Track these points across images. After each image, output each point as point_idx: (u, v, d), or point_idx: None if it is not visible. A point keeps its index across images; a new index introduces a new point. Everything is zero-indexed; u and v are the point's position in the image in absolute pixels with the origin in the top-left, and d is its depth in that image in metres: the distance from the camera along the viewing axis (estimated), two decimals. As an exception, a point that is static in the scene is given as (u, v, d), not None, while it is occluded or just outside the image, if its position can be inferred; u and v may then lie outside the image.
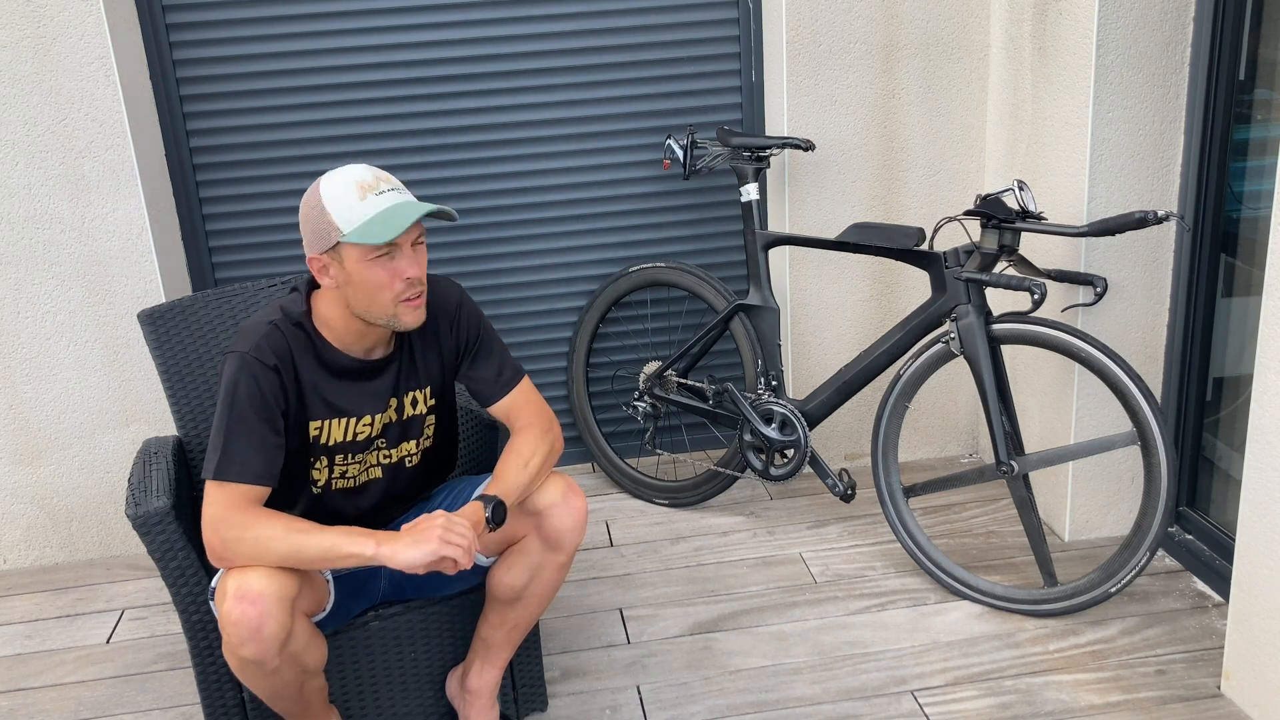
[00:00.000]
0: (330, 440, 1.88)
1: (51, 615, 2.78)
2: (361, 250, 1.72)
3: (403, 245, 1.74)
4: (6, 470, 2.94)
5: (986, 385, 2.44)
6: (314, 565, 1.71)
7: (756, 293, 2.83)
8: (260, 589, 1.67)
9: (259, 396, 1.76)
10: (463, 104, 3.06)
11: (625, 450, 3.45)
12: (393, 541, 1.70)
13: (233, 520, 1.71)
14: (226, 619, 1.68)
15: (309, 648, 1.80)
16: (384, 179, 1.76)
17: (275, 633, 1.69)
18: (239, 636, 1.68)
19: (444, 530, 1.70)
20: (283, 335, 1.80)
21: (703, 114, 3.15)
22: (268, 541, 1.69)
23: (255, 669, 1.74)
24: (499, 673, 2.10)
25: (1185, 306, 2.61)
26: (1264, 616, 2.09)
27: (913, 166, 3.05)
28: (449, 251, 3.18)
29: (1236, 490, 2.58)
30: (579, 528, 1.93)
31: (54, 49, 2.65)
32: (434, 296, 1.94)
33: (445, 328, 1.95)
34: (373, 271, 1.73)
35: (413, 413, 1.96)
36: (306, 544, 1.69)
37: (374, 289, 1.74)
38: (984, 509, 3.02)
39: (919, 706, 2.23)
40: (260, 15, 2.91)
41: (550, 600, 2.04)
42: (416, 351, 1.94)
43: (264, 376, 1.76)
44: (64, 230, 2.78)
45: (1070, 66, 2.56)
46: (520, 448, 1.92)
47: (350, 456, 1.91)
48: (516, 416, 1.98)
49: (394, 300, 1.75)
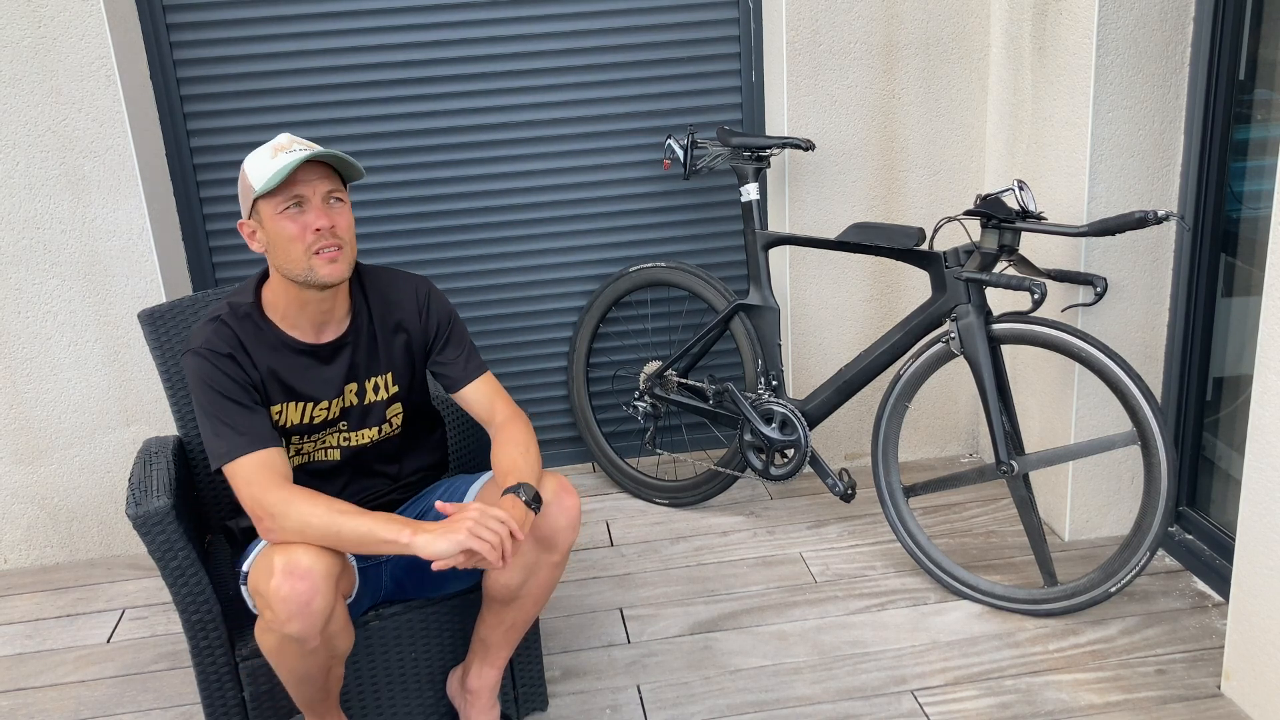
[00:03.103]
0: (288, 423, 1.92)
1: (52, 615, 2.78)
2: (272, 204, 1.79)
3: (310, 198, 1.79)
4: (7, 470, 2.94)
5: (986, 385, 2.44)
6: (349, 547, 1.74)
7: (756, 293, 2.83)
8: (309, 565, 1.70)
9: (225, 379, 1.82)
10: (463, 104, 3.06)
11: (625, 450, 3.45)
12: (426, 532, 1.72)
13: (271, 497, 1.75)
14: (275, 595, 1.69)
15: (343, 631, 1.82)
16: (299, 142, 1.83)
17: (322, 608, 1.71)
18: (287, 612, 1.69)
19: (474, 524, 1.72)
20: (229, 328, 1.86)
21: (703, 114, 3.15)
22: (309, 518, 1.73)
23: (296, 648, 1.75)
24: (498, 672, 2.10)
25: (1185, 306, 2.61)
26: (1264, 616, 2.09)
27: (913, 166, 3.05)
28: (450, 251, 3.18)
29: (1236, 490, 2.58)
30: (573, 526, 1.94)
31: (54, 49, 2.66)
32: (403, 286, 2.00)
33: (413, 314, 2.00)
34: (283, 224, 1.79)
35: (374, 399, 1.99)
36: (345, 525, 1.72)
37: (287, 241, 1.79)
38: (984, 509, 3.02)
39: (919, 706, 2.23)
40: (260, 15, 2.91)
41: (546, 599, 2.04)
42: (378, 337, 1.97)
43: (222, 364, 1.82)
44: (64, 230, 2.78)
45: (1070, 66, 2.56)
46: (514, 436, 1.96)
47: (306, 438, 1.96)
48: (494, 408, 2.02)
49: (306, 252, 1.79)
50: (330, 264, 1.81)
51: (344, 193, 1.85)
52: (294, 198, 1.79)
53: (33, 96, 2.68)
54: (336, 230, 1.81)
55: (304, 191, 1.79)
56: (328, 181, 1.82)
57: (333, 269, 1.81)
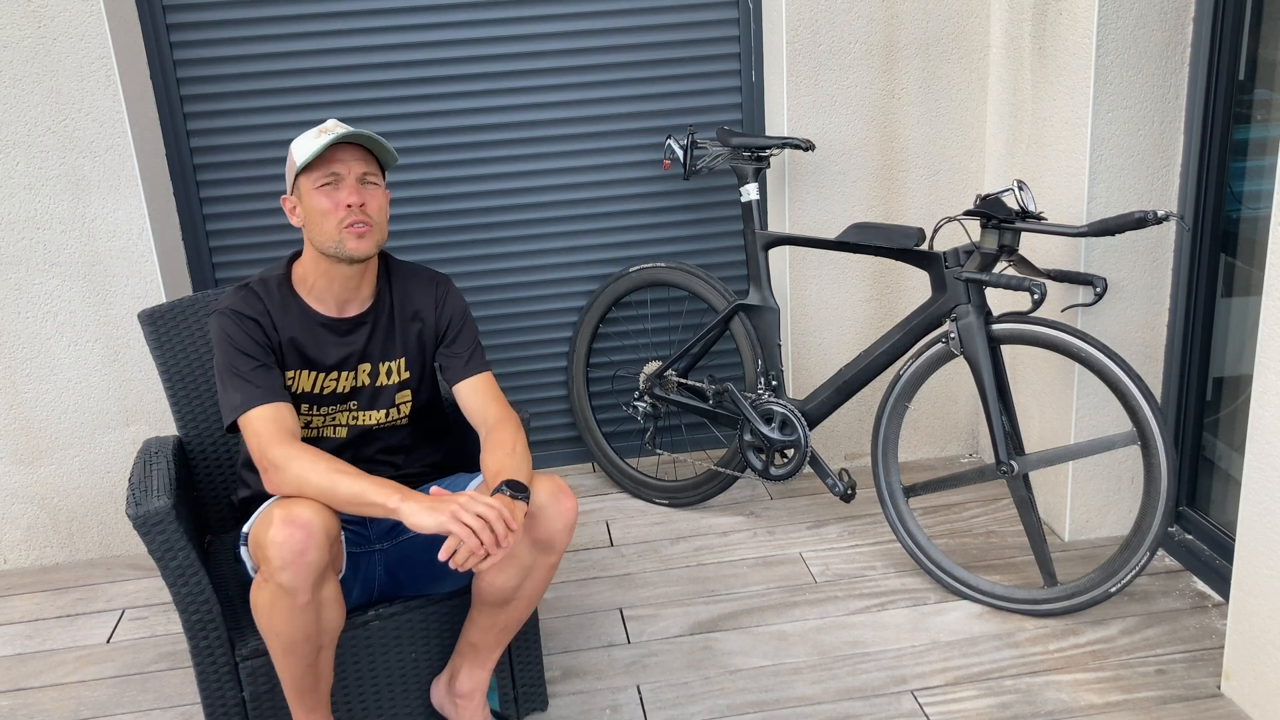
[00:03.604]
0: (299, 389, 2.01)
1: (52, 615, 2.78)
2: (310, 180, 1.92)
3: (345, 176, 1.92)
4: (7, 470, 2.94)
5: (986, 385, 2.44)
6: (343, 505, 1.79)
7: (756, 293, 2.83)
8: (309, 517, 1.75)
9: (246, 339, 1.93)
10: (463, 104, 3.06)
11: (625, 450, 3.45)
12: (414, 501, 1.77)
13: (278, 450, 1.84)
14: (271, 541, 1.73)
15: (333, 602, 1.84)
16: (343, 127, 1.94)
17: (316, 560, 1.75)
18: (282, 558, 1.72)
19: (459, 508, 1.75)
20: (257, 295, 1.98)
21: (703, 114, 3.15)
22: (309, 473, 1.80)
23: (287, 601, 1.76)
24: (488, 673, 2.11)
25: (1185, 306, 2.61)
26: (1264, 616, 2.09)
27: (913, 166, 3.05)
28: (450, 251, 3.18)
29: (1236, 490, 2.58)
30: (569, 528, 1.95)
31: (54, 49, 2.66)
32: (424, 279, 2.11)
33: (430, 305, 2.10)
34: (319, 200, 1.92)
35: (386, 382, 2.07)
36: (340, 483, 1.79)
37: (321, 215, 1.92)
38: (984, 509, 3.02)
39: (919, 706, 2.23)
40: (260, 15, 2.91)
41: (538, 600, 2.05)
42: (396, 321, 2.07)
43: (246, 325, 1.94)
44: (64, 230, 2.78)
45: (1070, 66, 2.56)
46: (501, 440, 1.99)
47: (315, 409, 2.03)
48: (488, 408, 2.07)
49: (338, 226, 1.91)
50: (359, 239, 1.92)
51: (379, 176, 1.98)
52: (330, 175, 1.91)
53: (33, 96, 2.68)
54: (367, 209, 1.93)
55: (340, 170, 1.92)
56: (363, 164, 1.95)
57: (360, 244, 1.92)
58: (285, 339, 1.98)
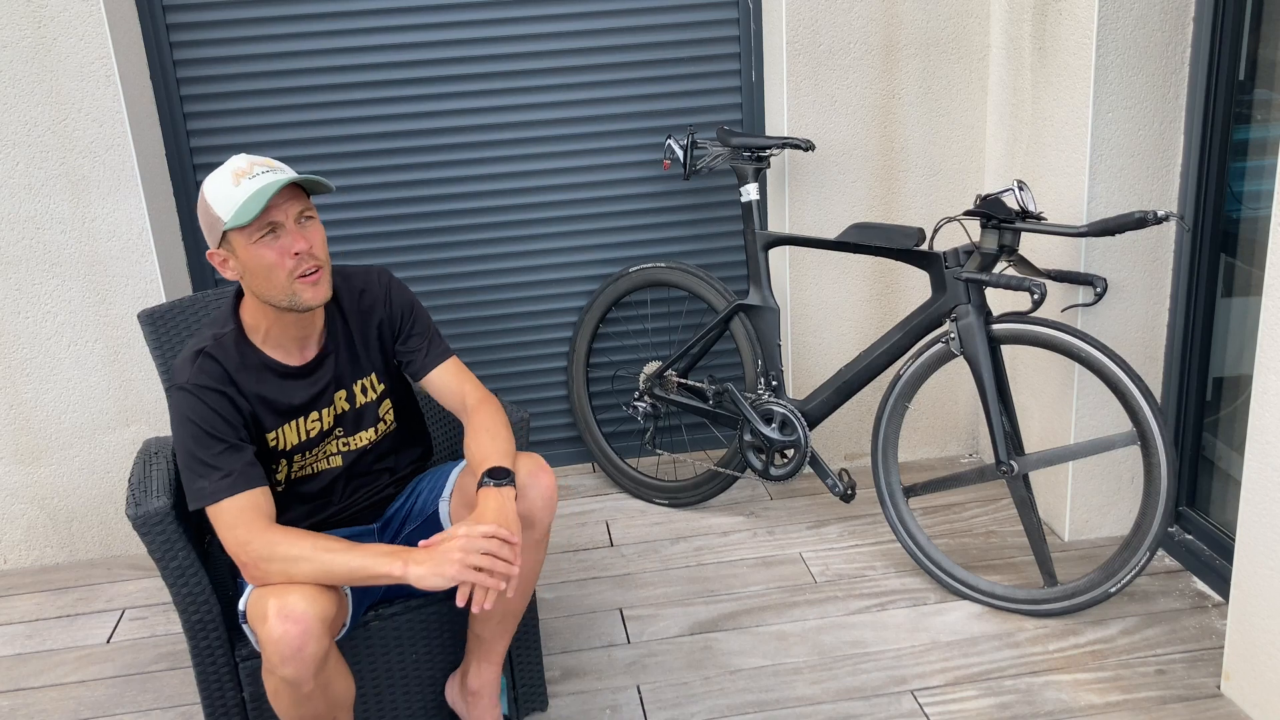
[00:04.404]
0: (287, 445, 1.91)
1: (52, 615, 2.78)
2: (245, 234, 1.74)
3: (284, 222, 1.75)
4: (7, 470, 2.94)
5: (986, 385, 2.44)
6: (341, 583, 1.73)
7: (756, 293, 2.83)
8: (303, 609, 1.68)
9: (213, 416, 1.78)
10: (463, 104, 3.06)
11: (625, 450, 3.45)
12: (419, 563, 1.70)
13: (256, 540, 1.73)
14: (268, 638, 1.68)
15: (339, 676, 1.81)
16: (260, 163, 1.77)
17: (316, 653, 1.69)
18: (280, 655, 1.68)
19: (463, 554, 1.69)
20: (215, 360, 1.82)
21: (703, 114, 3.15)
22: (296, 562, 1.71)
23: (291, 692, 1.74)
24: (497, 669, 2.10)
25: (1185, 306, 2.61)
26: (1264, 616, 2.09)
27: (913, 166, 3.05)
28: (449, 252, 3.18)
29: (1236, 490, 2.58)
30: (550, 503, 1.94)
31: (54, 49, 2.66)
32: (366, 281, 1.99)
33: (380, 309, 1.99)
34: (261, 253, 1.74)
35: (364, 400, 1.99)
36: (334, 563, 1.71)
37: (267, 270, 1.75)
38: (984, 509, 3.02)
39: (919, 706, 2.23)
40: (260, 15, 2.91)
41: (534, 582, 2.04)
42: (355, 341, 1.97)
43: (211, 399, 1.79)
44: (64, 230, 2.78)
45: (1070, 66, 2.56)
46: (483, 423, 1.94)
47: (308, 453, 1.95)
48: (463, 392, 2.01)
49: (288, 277, 1.76)
50: (313, 286, 1.78)
51: (313, 209, 1.81)
52: (268, 225, 1.74)
53: (33, 96, 2.68)
54: (314, 250, 1.78)
55: (277, 217, 1.74)
56: (297, 202, 1.77)
57: (316, 291, 1.79)
58: (253, 398, 1.85)
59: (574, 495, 3.23)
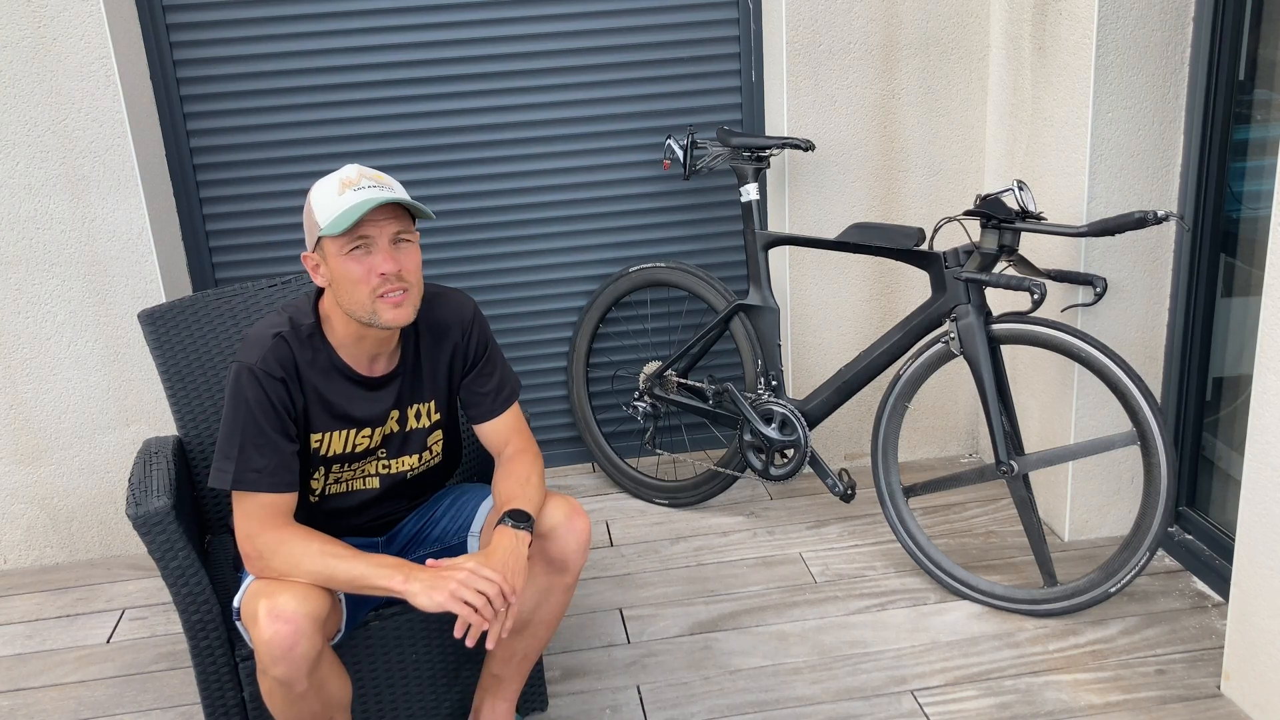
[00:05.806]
0: (330, 452, 1.88)
1: (51, 615, 2.78)
2: (337, 244, 1.73)
3: (376, 239, 1.73)
4: (6, 470, 2.94)
5: (986, 385, 2.44)
6: (341, 588, 1.73)
7: (756, 293, 2.83)
8: (294, 609, 1.68)
9: (269, 406, 1.76)
10: (463, 104, 3.06)
11: (625, 450, 3.45)
12: (417, 580, 1.70)
13: (267, 535, 1.74)
14: (259, 639, 1.68)
15: (332, 676, 1.81)
16: (369, 176, 1.76)
17: (307, 652, 1.69)
18: (271, 655, 1.68)
19: (459, 585, 1.69)
20: (289, 347, 1.80)
21: (703, 114, 3.15)
22: (301, 559, 1.72)
23: (284, 692, 1.74)
24: (512, 705, 2.10)
25: (1185, 306, 2.61)
26: (1264, 616, 2.09)
27: (913, 166, 3.05)
28: (451, 251, 3.18)
29: (1236, 490, 2.58)
30: (583, 548, 1.92)
31: (54, 49, 2.66)
32: (449, 308, 1.94)
33: (459, 338, 1.95)
34: (348, 266, 1.73)
35: (415, 425, 1.95)
36: (338, 568, 1.72)
37: (352, 283, 1.73)
38: (984, 509, 3.02)
39: (919, 706, 2.23)
40: (260, 15, 2.91)
41: (557, 625, 2.03)
42: (424, 363, 1.92)
43: (272, 388, 1.77)
44: (64, 230, 2.78)
45: (1070, 66, 2.56)
46: (516, 470, 1.92)
47: (346, 466, 1.92)
48: (508, 440, 1.98)
49: (370, 295, 1.74)
50: (395, 308, 1.75)
51: (412, 232, 1.78)
52: (360, 239, 1.72)
53: (33, 96, 2.68)
54: (403, 273, 1.75)
55: (371, 233, 1.72)
56: (396, 222, 1.74)
57: (397, 313, 1.75)
58: (312, 393, 1.82)
59: (574, 495, 3.24)
